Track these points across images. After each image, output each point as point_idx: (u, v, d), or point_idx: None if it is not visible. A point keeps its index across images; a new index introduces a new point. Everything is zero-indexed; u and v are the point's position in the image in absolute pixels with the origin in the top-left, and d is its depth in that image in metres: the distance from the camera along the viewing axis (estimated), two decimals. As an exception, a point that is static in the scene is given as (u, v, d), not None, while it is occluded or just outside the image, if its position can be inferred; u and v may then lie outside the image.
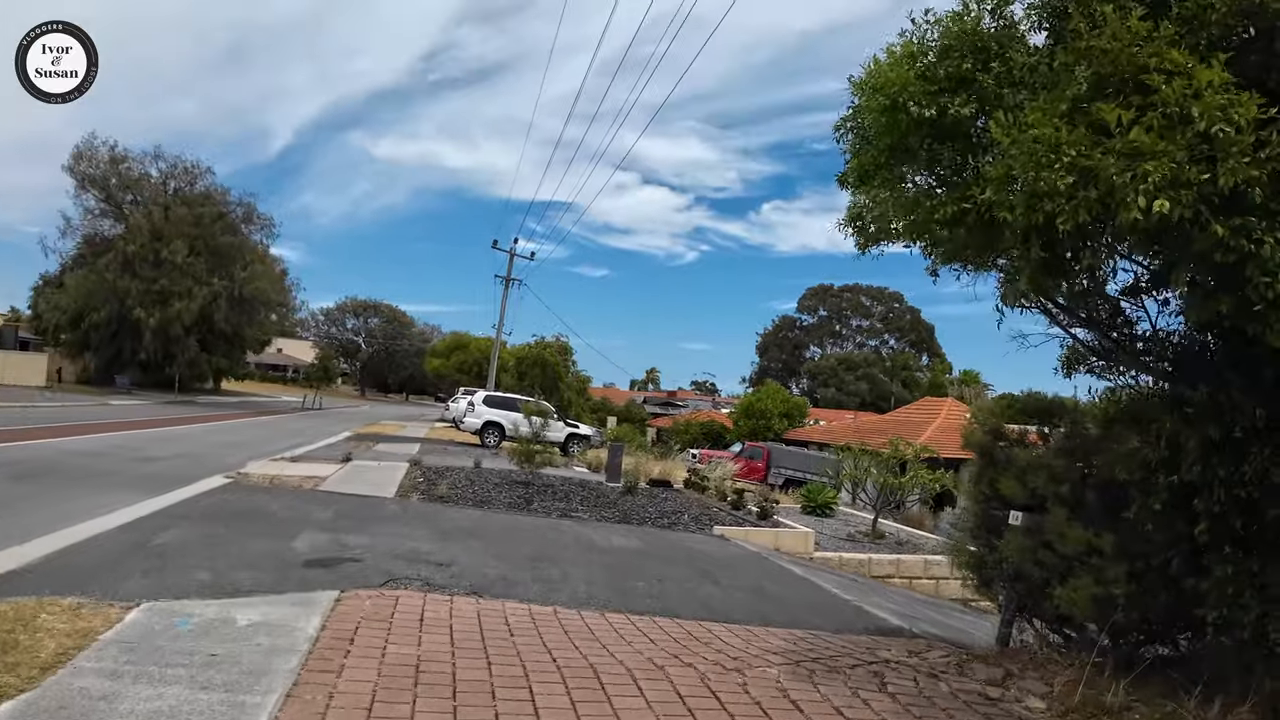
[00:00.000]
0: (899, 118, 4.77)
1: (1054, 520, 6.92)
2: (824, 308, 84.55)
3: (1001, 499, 7.95)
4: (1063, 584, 6.91)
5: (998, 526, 8.03)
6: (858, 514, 21.86)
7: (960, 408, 40.30)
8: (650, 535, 12.80)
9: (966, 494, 8.46)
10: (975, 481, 8.27)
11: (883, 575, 15.17)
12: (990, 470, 7.99)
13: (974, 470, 8.30)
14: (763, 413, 41.44)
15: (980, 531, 8.19)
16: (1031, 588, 7.56)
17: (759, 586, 9.85)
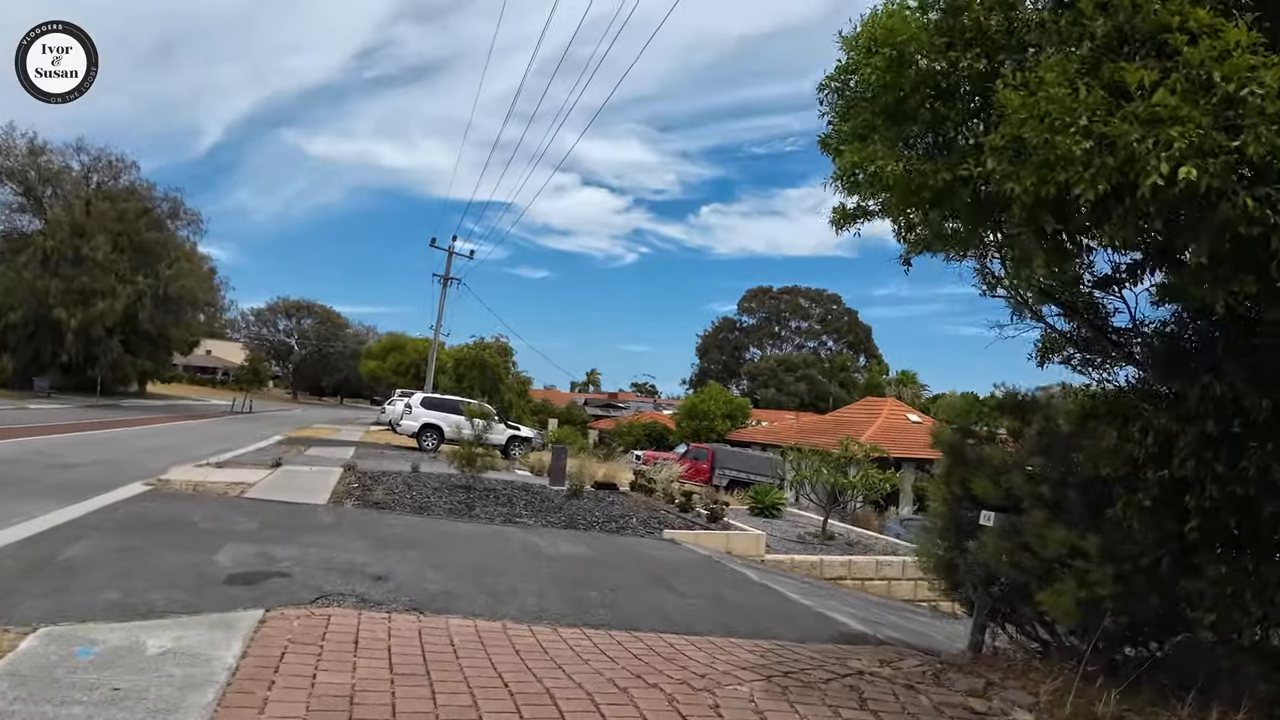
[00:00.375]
0: (906, 73, 4.32)
1: (1033, 521, 6.56)
2: (763, 309, 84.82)
3: (973, 499, 7.59)
4: (1044, 588, 6.56)
5: (969, 528, 7.67)
6: (805, 514, 21.60)
7: (901, 407, 40.54)
8: (599, 541, 12.24)
9: (934, 495, 8.09)
10: (944, 481, 7.90)
11: (835, 577, 14.85)
12: (960, 470, 7.62)
13: (942, 470, 7.93)
14: (706, 414, 41.13)
15: (950, 533, 7.82)
16: (1008, 592, 7.21)
17: (717, 593, 9.37)
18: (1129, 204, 3.82)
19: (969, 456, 7.57)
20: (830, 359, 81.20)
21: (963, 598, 7.83)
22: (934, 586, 8.07)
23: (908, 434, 34.37)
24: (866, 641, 8.15)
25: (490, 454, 16.54)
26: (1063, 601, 6.08)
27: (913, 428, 36.47)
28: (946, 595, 8.13)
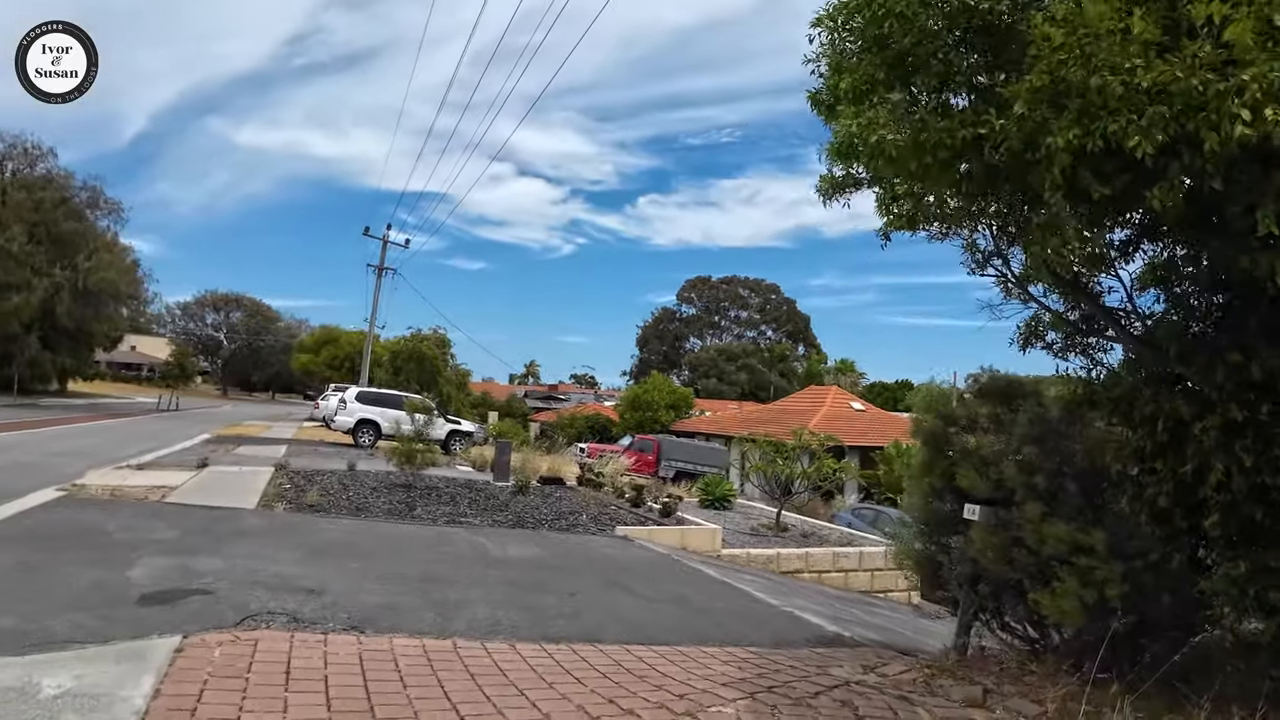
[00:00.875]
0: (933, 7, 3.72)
1: (1028, 515, 6.10)
2: (703, 299, 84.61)
3: (955, 492, 7.12)
4: (1040, 587, 6.11)
5: (951, 523, 7.21)
6: (755, 505, 21.18)
7: (845, 395, 40.54)
8: (550, 541, 11.57)
9: (912, 488, 7.61)
10: (923, 473, 7.42)
11: (792, 570, 14.42)
12: (942, 461, 7.14)
13: (921, 461, 7.45)
14: (649, 404, 40.56)
15: (931, 528, 7.35)
16: (997, 591, 6.76)
17: (680, 595, 8.78)
18: (1187, 160, 3.29)
19: (953, 446, 7.09)
20: (770, 348, 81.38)
21: (945, 596, 7.36)
22: (912, 583, 7.61)
23: (852, 422, 34.29)
24: (842, 644, 7.64)
25: (431, 450, 15.72)
26: (1065, 602, 5.63)
27: (857, 415, 36.44)
28: (926, 593, 7.66)
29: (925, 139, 3.84)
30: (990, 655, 6.91)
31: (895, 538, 8.08)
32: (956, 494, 7.16)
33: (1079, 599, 5.60)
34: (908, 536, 7.63)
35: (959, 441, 6.99)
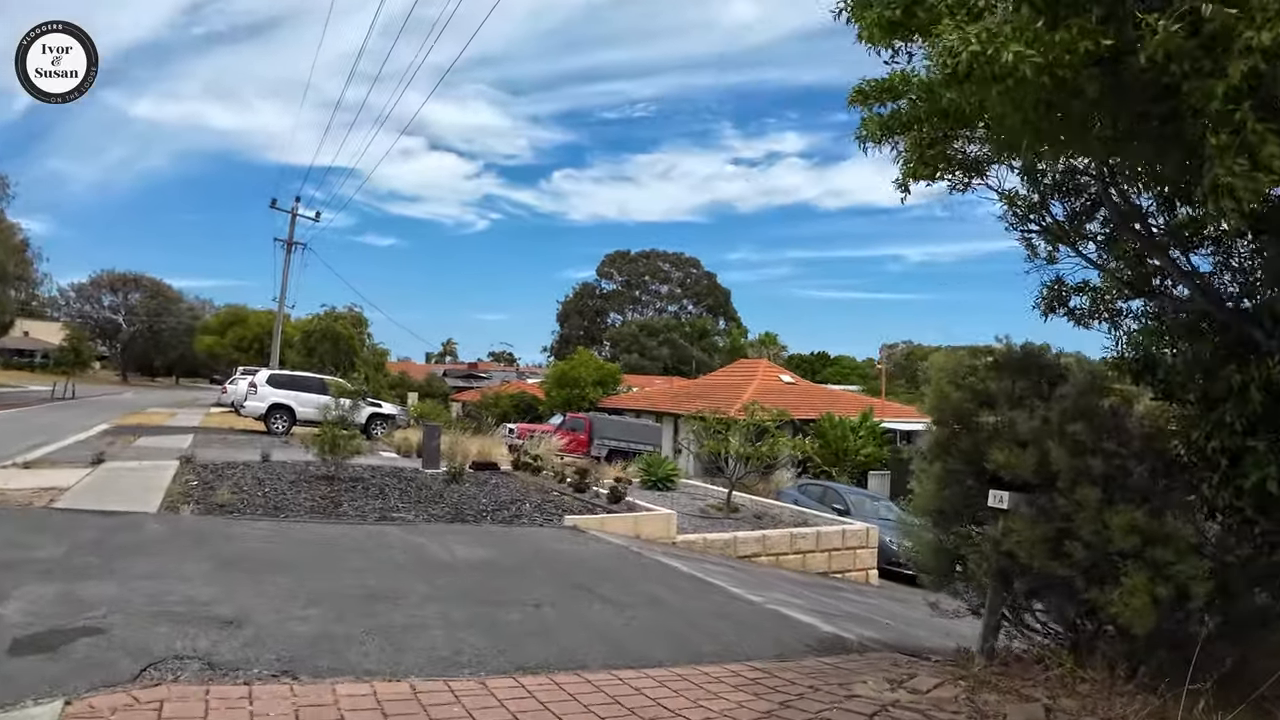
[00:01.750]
0: None
1: (1084, 503, 5.26)
2: (623, 274, 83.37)
3: (980, 476, 6.26)
4: (1093, 584, 5.29)
5: (973, 511, 6.36)
6: (698, 484, 20.32)
7: (774, 369, 40.06)
8: (496, 537, 10.41)
9: (924, 470, 6.72)
10: (939, 454, 6.53)
11: (749, 554, 13.57)
12: (966, 439, 6.25)
13: (937, 439, 6.55)
14: (576, 381, 39.29)
15: (948, 517, 6.47)
16: (1036, 589, 5.92)
17: (653, 597, 7.76)
18: None
19: (981, 424, 6.21)
20: (691, 323, 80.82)
21: (966, 592, 6.50)
22: (925, 579, 6.74)
23: (783, 396, 33.78)
24: (847, 648, 6.74)
25: (356, 437, 14.33)
26: (1136, 600, 4.80)
27: (787, 388, 35.97)
28: (939, 588, 6.80)
29: (1061, 52, 2.85)
30: (1022, 658, 6.08)
31: (902, 527, 7.18)
32: (980, 478, 6.32)
33: (1150, 597, 4.79)
34: (920, 527, 6.75)
35: (988, 419, 6.11)
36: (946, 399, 6.35)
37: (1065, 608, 5.68)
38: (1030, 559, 5.60)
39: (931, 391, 6.57)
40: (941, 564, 6.49)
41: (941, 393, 6.44)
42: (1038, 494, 5.77)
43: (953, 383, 6.38)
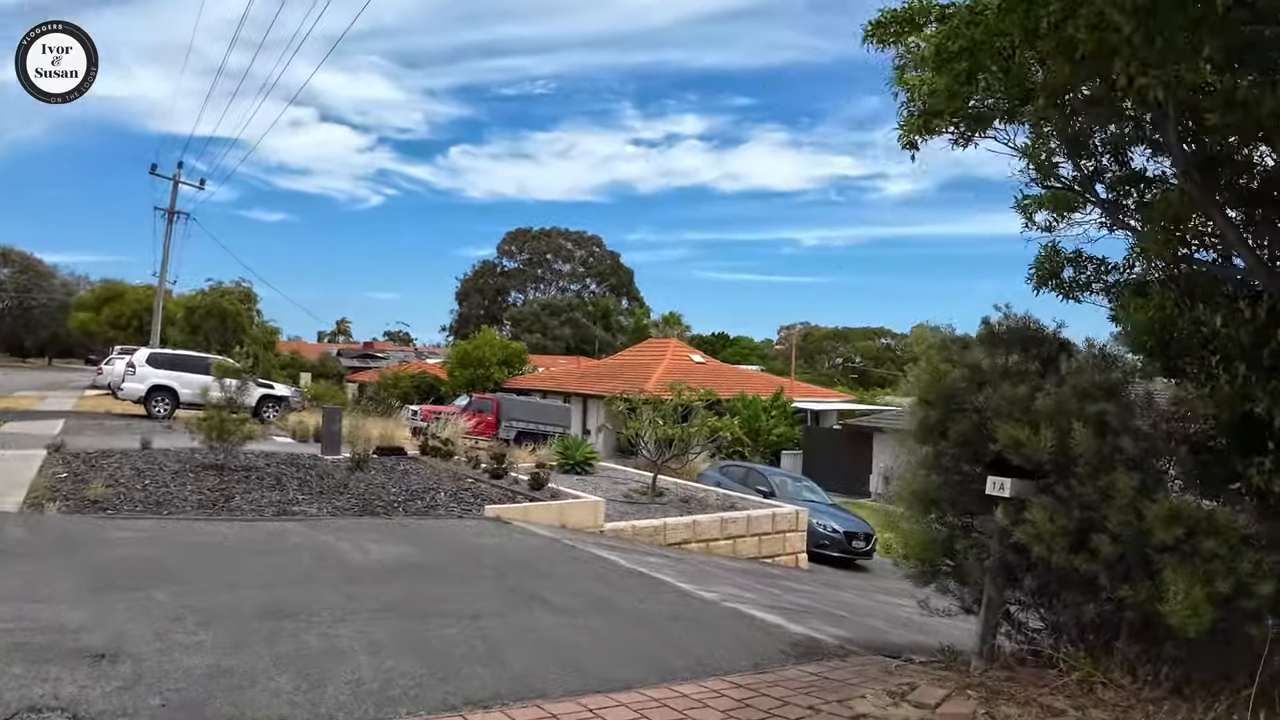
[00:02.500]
0: None
1: (1113, 490, 4.64)
2: (525, 252, 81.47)
3: (975, 460, 5.62)
4: (1120, 581, 4.69)
5: (969, 499, 5.71)
6: (615, 467, 19.52)
7: (684, 348, 39.58)
8: (413, 532, 9.34)
9: (913, 453, 6.04)
10: (928, 437, 5.85)
11: (679, 541, 12.85)
12: (962, 420, 5.58)
13: (926, 420, 5.86)
14: (480, 361, 37.77)
15: (940, 505, 5.81)
16: (1048, 585, 5.30)
17: (602, 600, 6.89)
18: None
19: (973, 404, 5.53)
20: (594, 302, 79.83)
21: (958, 588, 5.86)
22: (912, 574, 6.06)
23: (693, 375, 33.28)
24: (824, 652, 6.03)
25: (246, 421, 12.94)
26: (1192, 599, 4.20)
27: (697, 368, 35.51)
28: (927, 583, 6.14)
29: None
30: (1025, 661, 5.47)
31: (891, 518, 6.48)
32: (976, 463, 5.67)
33: (1204, 596, 4.20)
34: (903, 513, 6.07)
35: (990, 398, 5.44)
36: (939, 376, 5.66)
37: (1083, 606, 5.06)
38: (1048, 553, 4.97)
39: (922, 368, 5.87)
40: (932, 558, 5.82)
41: (935, 370, 5.74)
42: (1051, 479, 5.15)
43: (947, 359, 5.69)
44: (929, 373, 5.73)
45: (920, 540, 5.84)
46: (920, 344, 6.53)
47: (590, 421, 34.75)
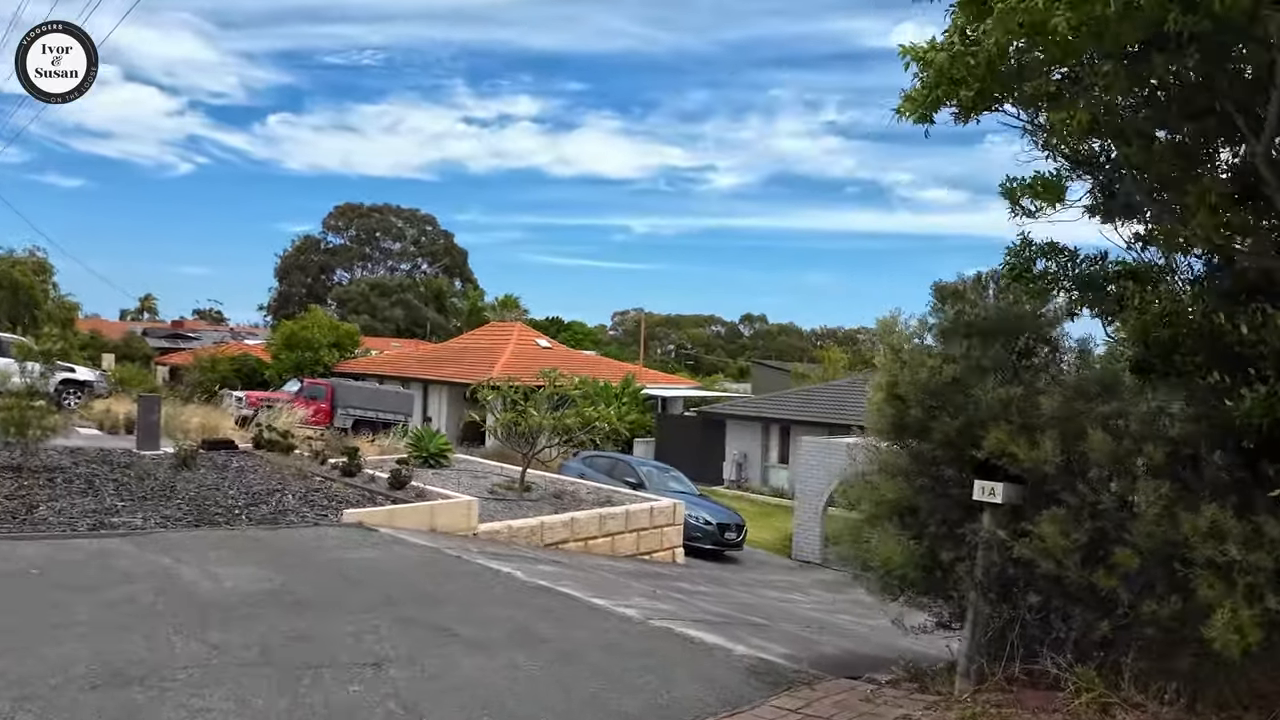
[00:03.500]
0: None
1: (1150, 498, 4.10)
2: (352, 228, 76.87)
3: (960, 463, 5.00)
4: (1147, 597, 4.17)
5: (953, 507, 5.10)
6: (472, 459, 18.25)
7: (530, 332, 38.33)
8: (269, 547, 7.90)
9: (878, 454, 5.37)
10: (906, 435, 5.20)
11: (557, 541, 11.90)
12: (947, 421, 4.92)
13: (901, 418, 5.20)
14: (309, 343, 34.92)
15: (921, 515, 5.16)
16: (1050, 601, 4.72)
17: (521, 629, 5.83)
18: None
19: (952, 402, 4.89)
20: (426, 282, 76.71)
21: (944, 604, 5.24)
22: (881, 588, 5.40)
23: (541, 360, 32.22)
24: (787, 679, 5.31)
25: (50, 412, 10.89)
26: (1242, 619, 3.70)
27: (544, 353, 34.41)
28: (896, 597, 5.49)
29: None
30: (1017, 680, 4.91)
31: (849, 532, 5.75)
32: (961, 467, 5.06)
33: (1253, 617, 3.72)
34: (870, 523, 5.39)
35: (984, 396, 4.81)
36: (919, 369, 4.99)
37: (1096, 623, 4.52)
38: (1058, 568, 4.40)
39: (891, 361, 5.20)
40: (910, 572, 5.17)
41: (916, 361, 5.07)
42: (1055, 486, 4.59)
43: (929, 352, 5.04)
44: (910, 366, 5.05)
45: (896, 553, 5.17)
46: (887, 336, 6.05)
47: (432, 409, 32.98)
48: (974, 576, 4.89)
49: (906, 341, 5.33)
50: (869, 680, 5.50)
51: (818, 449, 18.82)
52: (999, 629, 4.97)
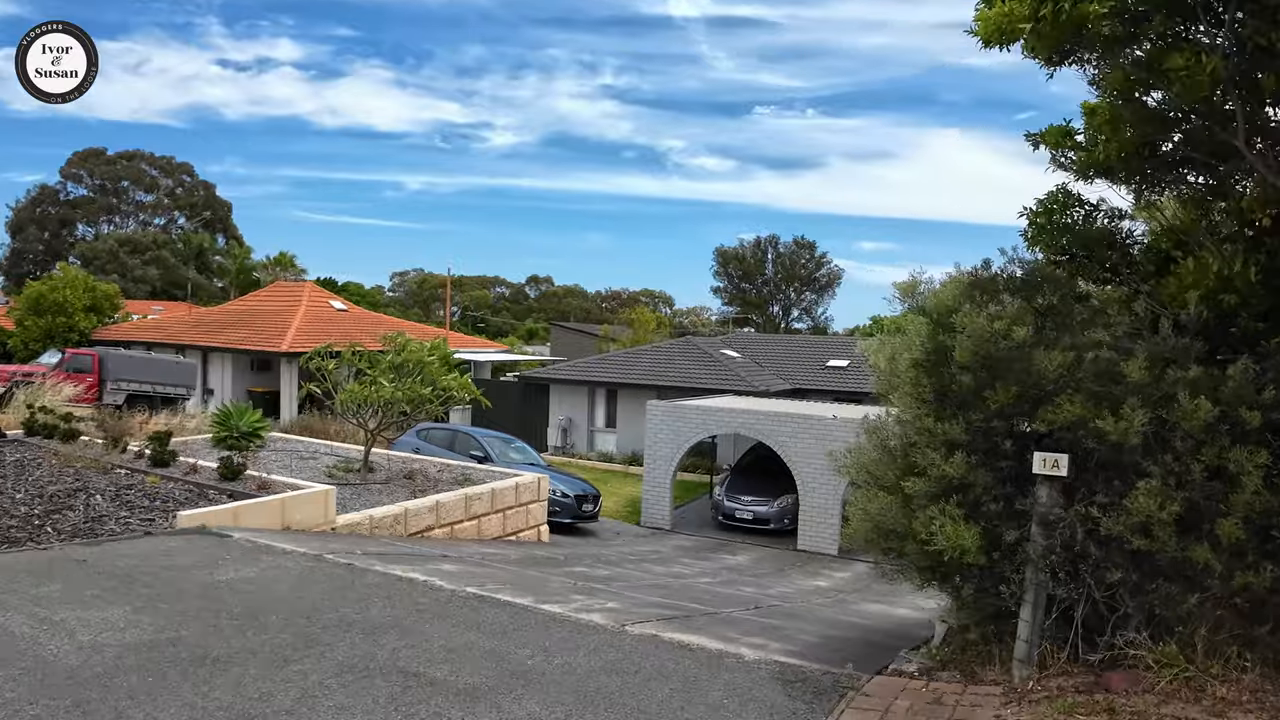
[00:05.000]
0: None
1: (1243, 468, 3.77)
2: (98, 178, 67.70)
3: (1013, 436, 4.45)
4: (1243, 568, 3.84)
5: (1007, 482, 4.55)
6: (290, 437, 16.24)
7: (323, 294, 35.32)
8: (105, 571, 6.13)
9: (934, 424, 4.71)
10: (963, 408, 4.56)
11: (423, 529, 10.64)
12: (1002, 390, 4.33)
13: (952, 386, 4.56)
14: (61, 307, 29.97)
15: (977, 490, 4.54)
16: (1125, 582, 4.25)
17: (500, 662, 4.72)
18: None
19: (1045, 367, 4.31)
20: (185, 239, 69.28)
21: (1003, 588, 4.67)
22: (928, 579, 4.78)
23: (337, 323, 29.73)
24: (818, 683, 4.62)
25: None
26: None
27: (340, 316, 31.74)
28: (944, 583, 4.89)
29: None
30: (1081, 665, 4.46)
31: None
32: (1017, 440, 4.52)
33: None
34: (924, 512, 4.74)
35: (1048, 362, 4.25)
36: (980, 335, 4.36)
37: (1180, 598, 4.14)
38: (1152, 541, 3.98)
39: (932, 327, 4.54)
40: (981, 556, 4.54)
41: (978, 328, 4.42)
42: (1138, 458, 4.15)
43: (1000, 314, 4.41)
44: (976, 335, 4.40)
45: (966, 534, 4.51)
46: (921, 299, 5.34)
47: (214, 380, 29.57)
48: (1038, 556, 4.39)
49: (953, 304, 4.68)
50: (900, 674, 4.94)
51: (667, 413, 18.29)
52: (1063, 611, 4.51)
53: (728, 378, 23.73)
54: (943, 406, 4.67)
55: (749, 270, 69.49)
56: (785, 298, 70.61)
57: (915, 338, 4.83)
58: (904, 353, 4.87)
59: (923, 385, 4.74)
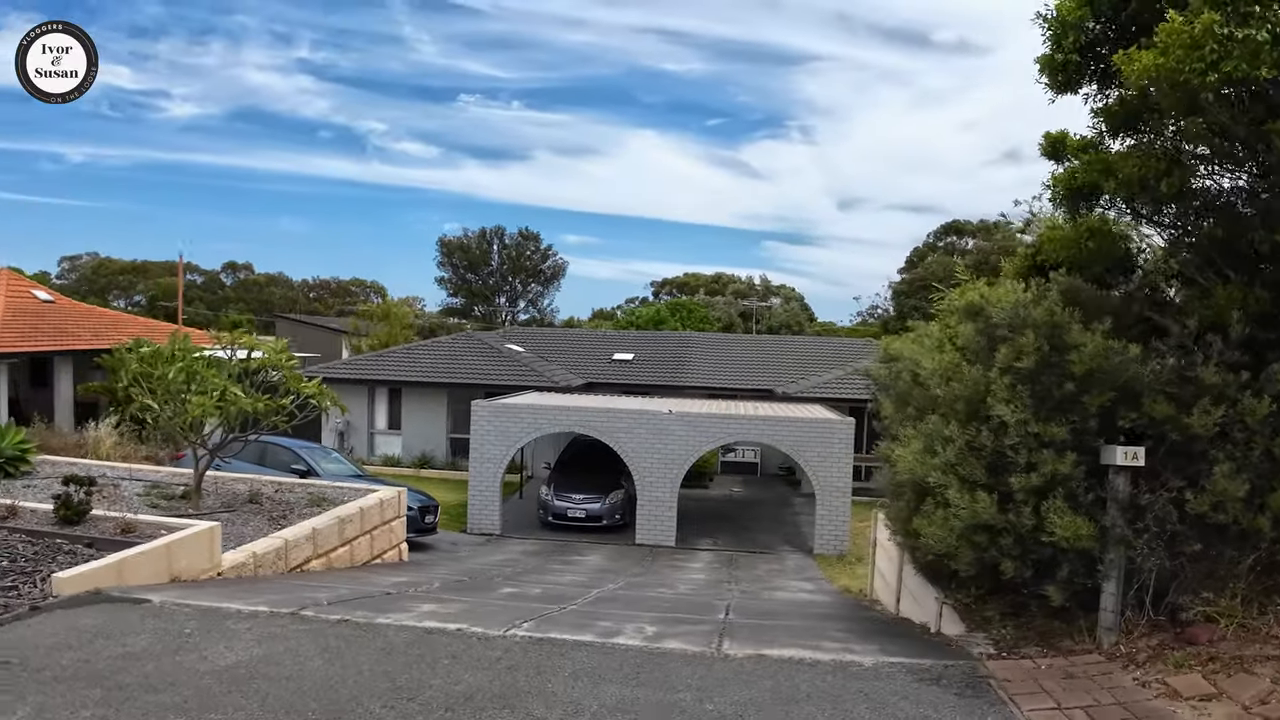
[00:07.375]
0: None
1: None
2: None
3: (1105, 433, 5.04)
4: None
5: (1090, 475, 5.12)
6: (61, 460, 13.81)
7: (23, 281, 29.95)
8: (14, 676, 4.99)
9: (1023, 434, 5.12)
10: (1054, 409, 5.03)
11: (302, 562, 9.64)
12: (1097, 390, 4.89)
13: (1043, 393, 5.00)
14: None
15: (1073, 484, 5.05)
16: (1201, 549, 4.98)
17: (685, 711, 4.51)
18: None
19: (1139, 373, 4.89)
20: None
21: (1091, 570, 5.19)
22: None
23: (46, 316, 25.65)
24: (964, 675, 4.91)
25: None
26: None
27: (48, 309, 27.21)
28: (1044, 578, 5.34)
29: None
30: (1160, 625, 5.15)
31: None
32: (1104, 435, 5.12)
33: None
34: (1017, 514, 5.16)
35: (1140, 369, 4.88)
36: (1092, 351, 4.92)
37: (1239, 560, 5.00)
38: (1226, 515, 4.74)
39: (1034, 337, 4.99)
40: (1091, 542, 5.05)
41: (1097, 346, 4.95)
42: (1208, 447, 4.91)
43: (1100, 329, 4.97)
44: (1092, 350, 4.91)
45: (1081, 526, 4.98)
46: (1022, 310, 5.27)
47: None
48: (1123, 536, 5.02)
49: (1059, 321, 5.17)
50: (992, 656, 5.38)
51: (496, 413, 17.70)
52: (1142, 581, 5.17)
53: (523, 373, 23.48)
54: (1039, 411, 5.13)
55: (474, 261, 68.83)
56: (512, 289, 70.84)
57: (1013, 350, 5.22)
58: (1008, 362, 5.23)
59: (1020, 392, 5.17)
